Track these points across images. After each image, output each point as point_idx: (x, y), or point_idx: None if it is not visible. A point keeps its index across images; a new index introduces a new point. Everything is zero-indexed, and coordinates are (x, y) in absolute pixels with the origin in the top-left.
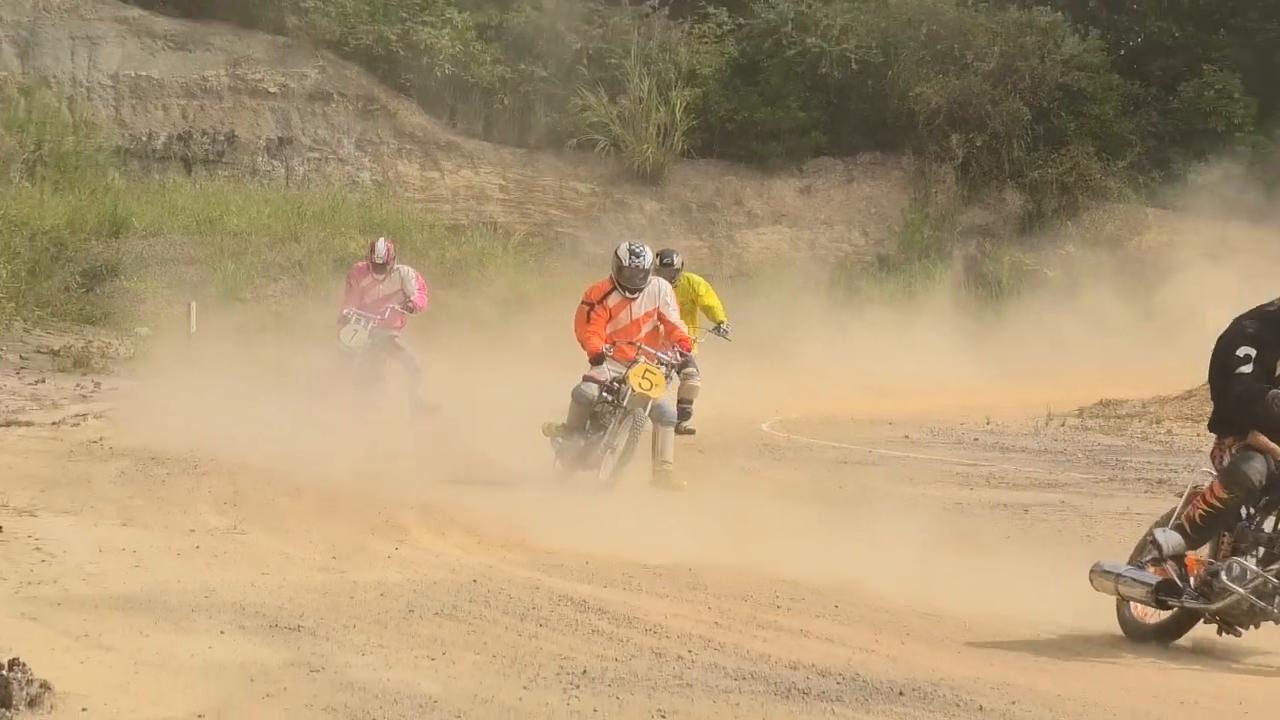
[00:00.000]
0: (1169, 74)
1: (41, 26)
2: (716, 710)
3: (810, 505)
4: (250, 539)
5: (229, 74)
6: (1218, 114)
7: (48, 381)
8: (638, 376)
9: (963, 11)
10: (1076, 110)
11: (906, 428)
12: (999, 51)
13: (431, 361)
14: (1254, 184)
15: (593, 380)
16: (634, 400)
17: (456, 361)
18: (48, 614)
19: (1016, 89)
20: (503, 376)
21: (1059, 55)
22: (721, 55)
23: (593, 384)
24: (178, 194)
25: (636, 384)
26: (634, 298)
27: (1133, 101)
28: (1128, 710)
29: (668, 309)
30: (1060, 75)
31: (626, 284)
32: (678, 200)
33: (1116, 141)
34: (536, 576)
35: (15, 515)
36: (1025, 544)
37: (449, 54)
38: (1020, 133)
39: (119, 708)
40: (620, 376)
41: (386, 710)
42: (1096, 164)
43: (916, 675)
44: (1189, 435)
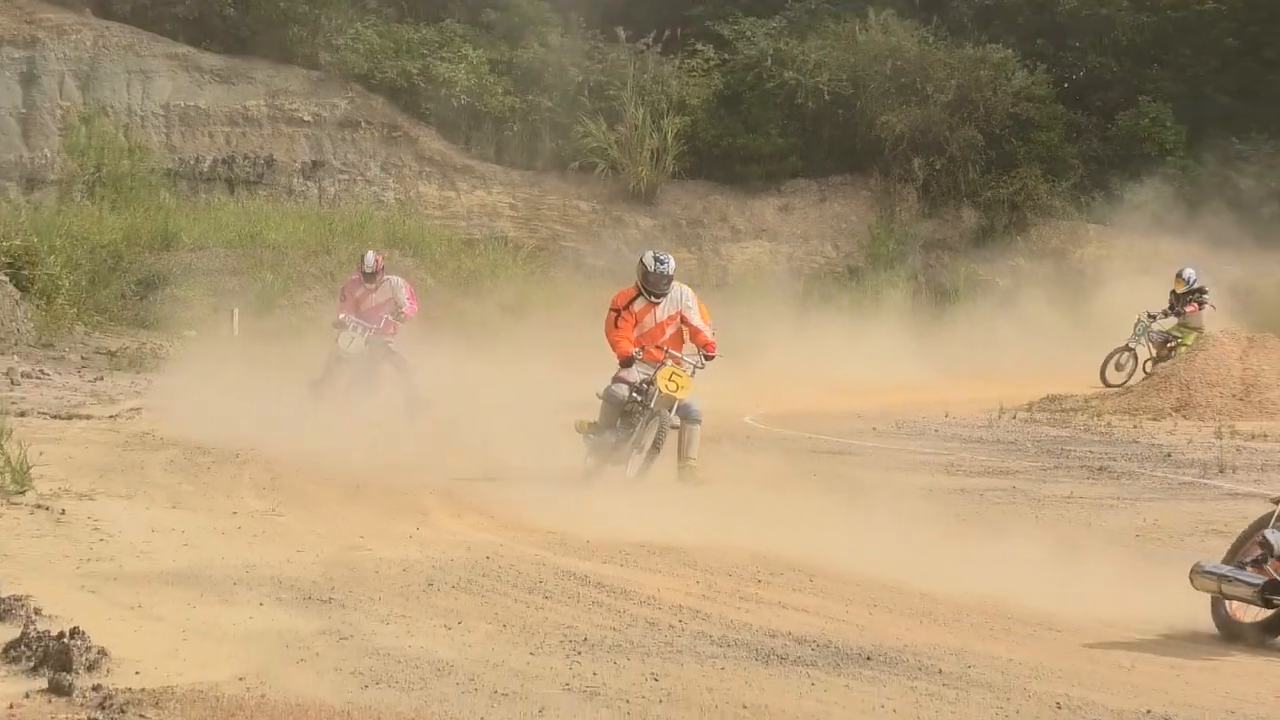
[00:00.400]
0: (1108, 104)
1: (101, 62)
2: (703, 673)
3: (787, 490)
4: (286, 520)
5: (268, 104)
6: (1151, 140)
7: (105, 379)
8: (665, 379)
9: (924, 49)
10: (1025, 137)
11: (873, 421)
12: (956, 84)
13: (447, 360)
14: (1182, 202)
15: (623, 381)
16: (661, 401)
17: (470, 361)
18: (105, 588)
19: (971, 118)
20: (511, 374)
21: (1009, 88)
22: (708, 87)
23: (623, 385)
24: (222, 211)
25: (664, 385)
26: (658, 302)
27: (1075, 129)
28: (1070, 672)
29: (690, 313)
30: (1010, 106)
31: (652, 289)
32: (669, 217)
33: (1061, 165)
34: (543, 554)
35: (76, 499)
36: (980, 524)
37: (464, 86)
38: (975, 157)
39: (168, 671)
40: (649, 378)
41: (408, 673)
42: (1043, 185)
43: (883, 642)
44: (1126, 427)
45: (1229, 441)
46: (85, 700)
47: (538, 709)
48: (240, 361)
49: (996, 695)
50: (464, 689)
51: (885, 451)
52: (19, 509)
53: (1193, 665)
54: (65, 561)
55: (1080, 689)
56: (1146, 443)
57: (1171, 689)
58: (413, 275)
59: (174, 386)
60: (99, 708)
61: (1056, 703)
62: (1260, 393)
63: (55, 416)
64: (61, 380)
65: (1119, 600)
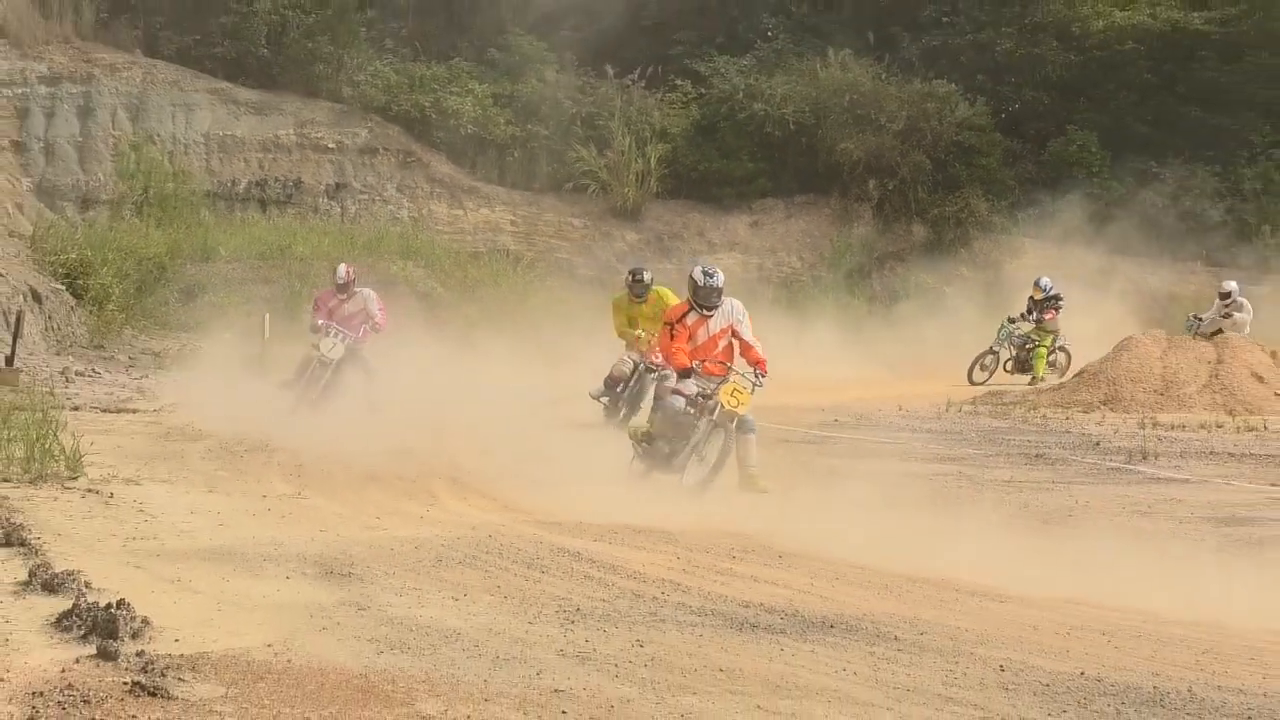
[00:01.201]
0: (1040, 133)
1: (148, 96)
2: (683, 640)
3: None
4: (311, 503)
5: (296, 133)
6: (1079, 164)
7: (150, 377)
8: (728, 394)
9: (877, 84)
10: (967, 161)
11: (834, 414)
12: (906, 115)
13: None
14: (1107, 220)
15: (679, 394)
16: (723, 415)
17: (476, 360)
18: (148, 563)
19: (920, 144)
20: (510, 371)
21: (953, 118)
22: (687, 118)
23: (679, 397)
24: (255, 228)
25: (726, 400)
26: (710, 316)
27: (1012, 154)
28: (1014, 639)
29: (741, 326)
30: (954, 134)
31: (703, 303)
32: (652, 232)
33: (999, 186)
34: (540, 533)
35: (123, 484)
36: (930, 505)
37: (471, 117)
38: (923, 179)
39: (204, 638)
40: (706, 391)
41: (419, 640)
42: (983, 203)
43: (845, 612)
44: (1060, 419)
45: (1151, 432)
46: (130, 665)
47: (535, 672)
48: (272, 361)
49: (946, 659)
50: (469, 654)
51: (846, 441)
52: (72, 493)
53: (1123, 633)
54: (113, 540)
55: (1021, 654)
56: (1077, 432)
57: (1103, 654)
58: (423, 284)
59: (211, 384)
60: (142, 671)
61: (1000, 666)
62: (1178, 388)
63: (105, 410)
64: (111, 378)
65: (1055, 573)
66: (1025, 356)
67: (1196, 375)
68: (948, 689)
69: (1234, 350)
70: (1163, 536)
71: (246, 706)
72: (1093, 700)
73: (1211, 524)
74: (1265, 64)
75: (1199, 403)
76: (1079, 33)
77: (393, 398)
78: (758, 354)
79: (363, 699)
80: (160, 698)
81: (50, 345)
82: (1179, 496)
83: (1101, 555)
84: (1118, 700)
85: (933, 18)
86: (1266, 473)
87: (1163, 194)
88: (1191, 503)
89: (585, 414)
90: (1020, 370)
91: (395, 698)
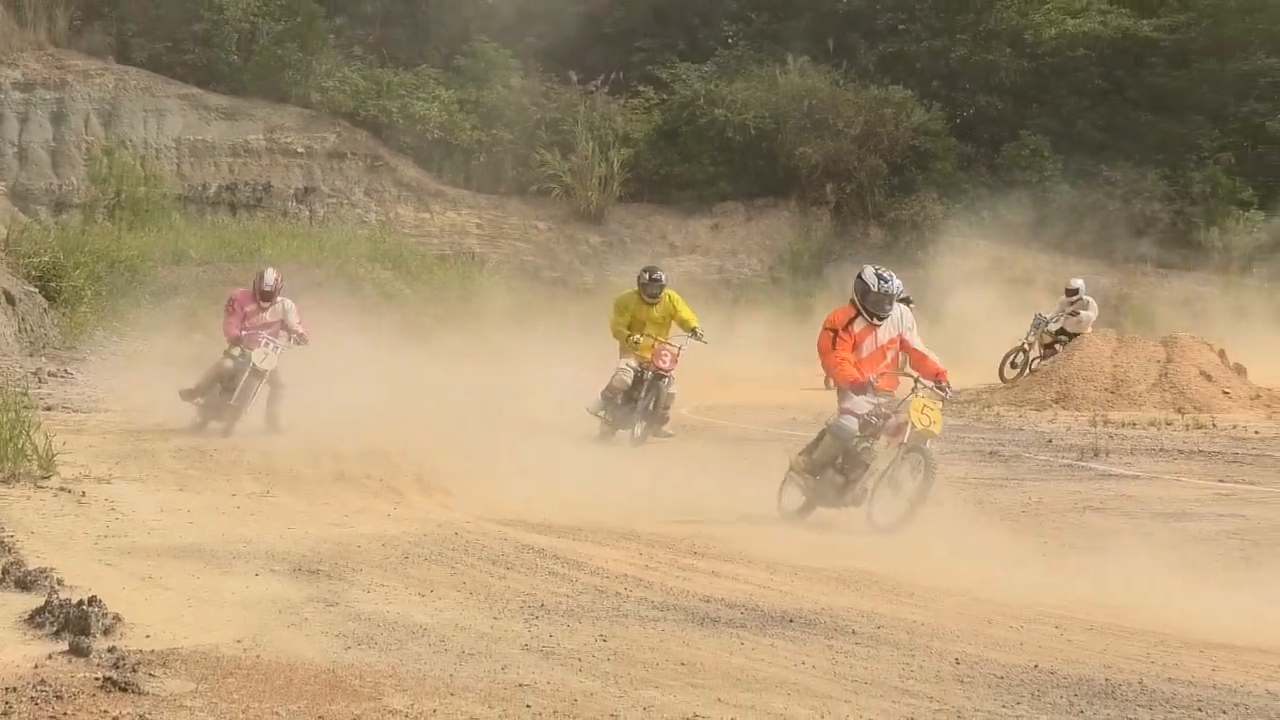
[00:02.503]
0: (994, 138)
1: (121, 102)
2: (645, 634)
3: (721, 474)
4: (279, 501)
5: (266, 138)
6: (1032, 169)
7: (121, 378)
8: (918, 411)
9: (835, 90)
10: (923, 166)
11: (794, 412)
12: (863, 120)
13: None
14: (1059, 223)
15: (851, 413)
16: (916, 437)
17: (445, 359)
18: (119, 560)
19: (877, 149)
20: (479, 372)
21: (909, 123)
22: (649, 123)
23: (852, 418)
24: (225, 231)
25: (917, 419)
26: (879, 324)
27: (966, 159)
28: (967, 632)
29: (911, 335)
30: (910, 139)
31: (873, 310)
32: (615, 235)
33: (954, 190)
34: (505, 530)
35: (95, 483)
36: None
37: (437, 122)
38: (880, 183)
39: (174, 634)
40: (877, 410)
41: (386, 636)
42: (939, 207)
43: (803, 606)
44: (1013, 417)
45: (1102, 429)
46: (101, 661)
47: (500, 666)
48: None
49: (903, 652)
50: (435, 649)
51: (803, 439)
52: (45, 492)
53: (1075, 626)
54: (85, 538)
55: (976, 647)
56: (1031, 430)
57: (1056, 647)
58: (390, 286)
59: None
60: (113, 667)
61: (955, 659)
62: (1128, 387)
63: (78, 411)
64: (83, 379)
65: (1011, 568)
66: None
67: (1146, 374)
68: (904, 682)
69: (1183, 349)
70: (1114, 532)
71: (216, 701)
72: (1046, 692)
73: (1161, 519)
74: (1213, 70)
75: (1149, 401)
76: (1031, 40)
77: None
78: (936, 364)
79: (330, 694)
80: (131, 693)
81: (23, 346)
82: (1130, 493)
83: (1055, 550)
84: (1070, 692)
85: (889, 25)
86: (1214, 469)
87: (1113, 197)
88: (1142, 499)
89: (551, 414)
90: None
91: (363, 692)
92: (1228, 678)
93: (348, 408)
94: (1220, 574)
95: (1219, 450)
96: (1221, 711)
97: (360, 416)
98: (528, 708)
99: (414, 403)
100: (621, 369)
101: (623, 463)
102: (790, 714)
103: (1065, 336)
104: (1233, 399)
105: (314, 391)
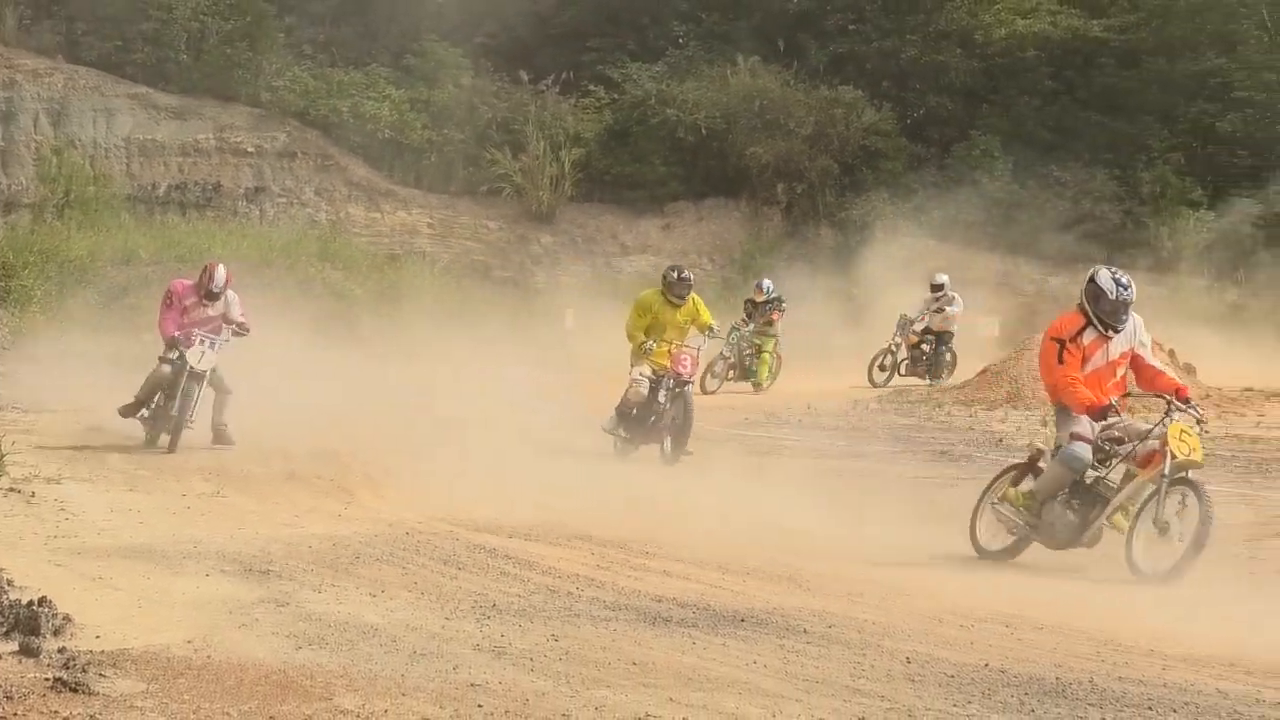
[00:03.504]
0: (944, 138)
1: (70, 101)
2: (598, 634)
3: (671, 476)
4: (230, 501)
5: (216, 137)
6: (982, 169)
7: (73, 378)
8: (1175, 437)
9: (786, 90)
10: (874, 166)
11: (745, 413)
12: (814, 120)
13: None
14: (1009, 222)
15: (1083, 439)
16: (1177, 468)
17: (396, 359)
18: (69, 561)
19: (828, 149)
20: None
21: (860, 123)
22: (600, 123)
23: (1085, 445)
24: (175, 231)
25: (1176, 446)
26: (1112, 336)
27: (917, 159)
28: (918, 631)
29: (1144, 350)
30: (861, 139)
31: (1108, 319)
32: (567, 235)
33: (905, 190)
34: (456, 530)
35: (45, 483)
36: (841, 500)
37: (388, 122)
38: (831, 183)
39: (125, 635)
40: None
41: (337, 636)
42: (890, 207)
43: (755, 606)
44: (963, 416)
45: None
46: (51, 661)
47: (452, 666)
48: None
49: (854, 651)
50: (387, 649)
51: (756, 439)
52: None
53: (1026, 625)
54: (35, 538)
55: (927, 646)
56: (981, 430)
57: (1006, 646)
58: (341, 286)
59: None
60: (64, 667)
61: (906, 658)
62: None
63: (26, 411)
64: (33, 380)
65: (962, 569)
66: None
67: None
68: (855, 681)
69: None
70: None
71: (167, 702)
72: (997, 691)
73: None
74: (1163, 70)
75: None
76: (982, 40)
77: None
78: (1172, 379)
79: (281, 694)
80: (82, 693)
81: None
82: None
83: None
84: (1021, 691)
85: (839, 25)
86: None
87: (1063, 197)
88: None
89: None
90: (741, 377)
91: (314, 692)
92: (1178, 676)
93: (298, 408)
94: None
95: None
96: (1172, 710)
97: (311, 416)
98: (479, 707)
99: (364, 403)
100: (635, 380)
101: (582, 467)
102: (742, 713)
103: (932, 335)
104: None
105: (264, 391)
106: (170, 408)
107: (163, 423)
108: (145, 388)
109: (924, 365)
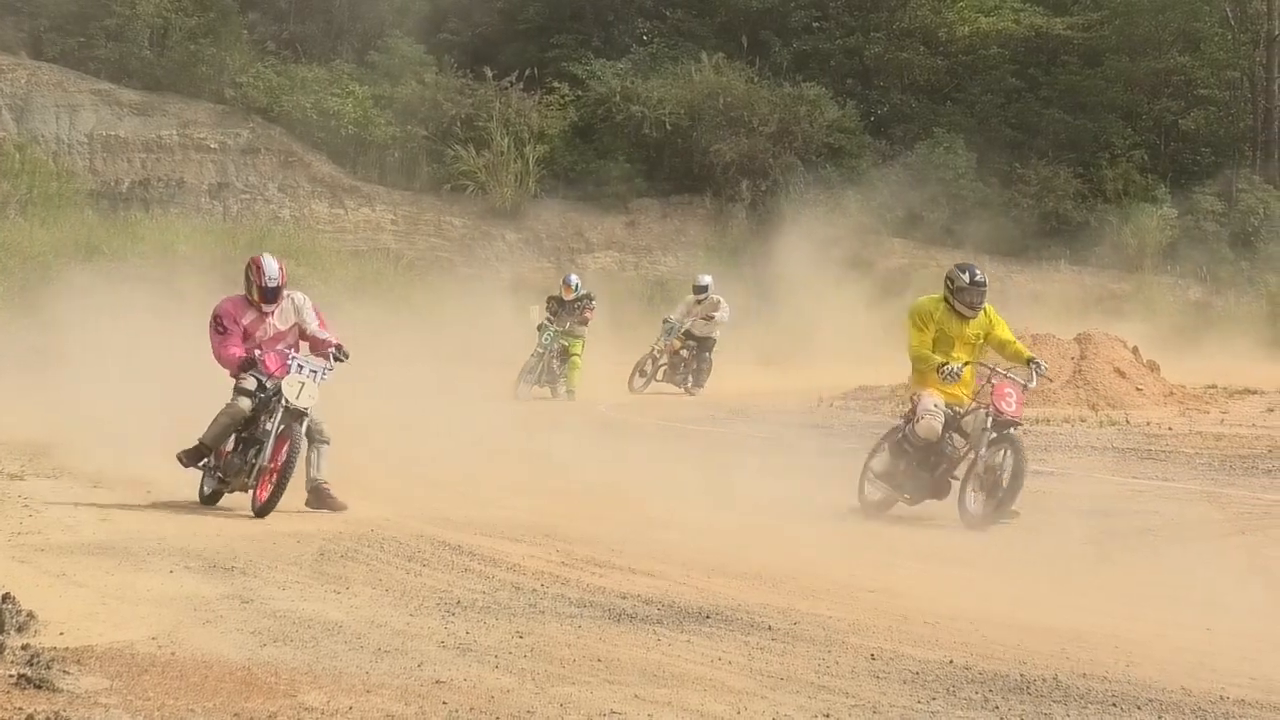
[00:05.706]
0: (908, 135)
1: (33, 97)
2: (563, 631)
3: (636, 470)
4: (193, 498)
5: (179, 134)
6: (946, 166)
7: (35, 375)
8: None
9: (750, 87)
10: (838, 163)
11: (710, 409)
12: (778, 118)
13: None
14: (972, 220)
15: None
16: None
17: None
18: (33, 558)
19: (791, 147)
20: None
21: (824, 121)
22: (565, 119)
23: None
24: (139, 227)
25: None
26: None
27: (881, 156)
28: (884, 628)
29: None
30: (825, 136)
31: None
32: (531, 232)
33: (868, 188)
34: (421, 527)
35: (8, 480)
36: (806, 501)
37: (351, 118)
38: (795, 180)
39: (89, 631)
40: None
41: (301, 633)
42: (854, 204)
43: (720, 603)
44: None
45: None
46: (15, 658)
47: (417, 664)
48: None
49: (819, 648)
50: (351, 646)
51: (721, 435)
52: None
53: (991, 622)
54: None
55: (891, 642)
56: None
57: (971, 642)
58: (305, 283)
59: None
60: (27, 664)
61: (871, 654)
62: (1042, 383)
63: None
64: None
65: (926, 567)
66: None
67: (1060, 371)
68: (820, 677)
69: (1097, 346)
70: (1029, 529)
71: (131, 699)
72: (961, 688)
73: (1077, 516)
74: (1125, 68)
75: (1063, 398)
76: (945, 38)
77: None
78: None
79: (246, 691)
80: (46, 690)
81: None
82: (1045, 489)
83: (973, 548)
84: (985, 688)
85: (803, 23)
86: (1128, 466)
87: (1026, 194)
88: (1058, 495)
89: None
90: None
91: (278, 689)
92: (1142, 673)
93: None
94: (1136, 569)
95: (1132, 447)
96: (1136, 707)
97: None
98: (444, 705)
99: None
100: (930, 411)
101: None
102: (706, 710)
103: (694, 340)
104: (1146, 396)
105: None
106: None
107: (234, 478)
108: (214, 429)
109: (682, 373)
